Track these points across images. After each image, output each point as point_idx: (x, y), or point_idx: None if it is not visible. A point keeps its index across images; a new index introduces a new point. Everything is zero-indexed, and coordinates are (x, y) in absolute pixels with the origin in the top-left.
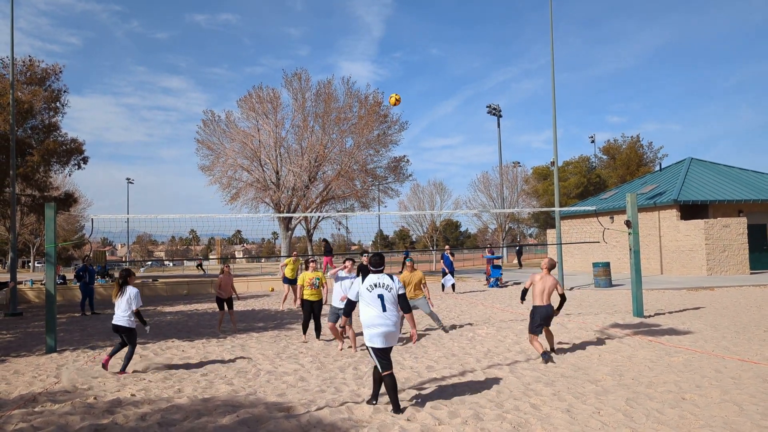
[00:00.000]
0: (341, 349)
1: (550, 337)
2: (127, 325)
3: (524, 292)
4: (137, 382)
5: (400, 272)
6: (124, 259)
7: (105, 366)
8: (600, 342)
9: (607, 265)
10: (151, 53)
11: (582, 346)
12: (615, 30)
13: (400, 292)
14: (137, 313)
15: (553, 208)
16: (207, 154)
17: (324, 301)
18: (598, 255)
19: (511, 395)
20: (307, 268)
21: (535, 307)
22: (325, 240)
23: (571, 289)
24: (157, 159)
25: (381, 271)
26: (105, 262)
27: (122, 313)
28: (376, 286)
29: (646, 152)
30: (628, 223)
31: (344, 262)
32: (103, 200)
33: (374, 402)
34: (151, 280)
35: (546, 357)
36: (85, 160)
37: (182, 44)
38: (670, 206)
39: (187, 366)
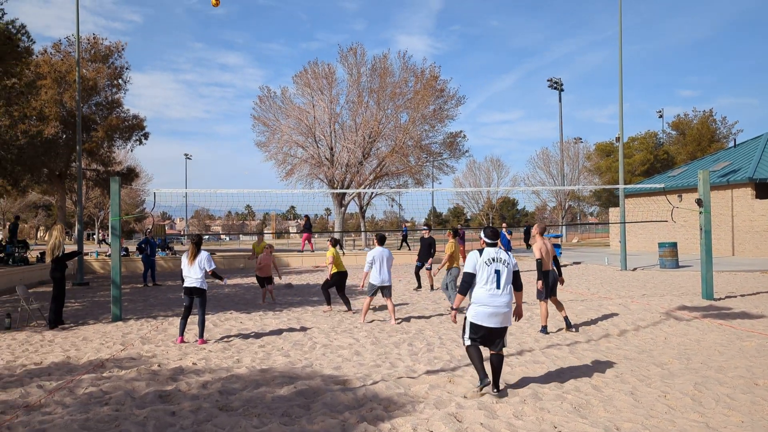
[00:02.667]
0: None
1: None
2: (201, 286)
3: (540, 263)
4: (198, 352)
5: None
6: (182, 233)
7: (182, 342)
8: (666, 324)
9: (674, 245)
10: (209, 29)
11: (646, 328)
12: None
13: (516, 269)
14: (213, 273)
15: (617, 186)
16: (263, 130)
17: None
18: (663, 235)
19: (572, 375)
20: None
21: (547, 273)
22: (306, 216)
23: (635, 269)
24: (214, 135)
25: (495, 245)
26: (164, 236)
27: (195, 275)
28: (494, 260)
29: (719, 128)
30: (699, 202)
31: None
32: (162, 175)
33: (487, 381)
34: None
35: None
36: (146, 136)
37: (239, 20)
38: (745, 184)
39: (245, 337)
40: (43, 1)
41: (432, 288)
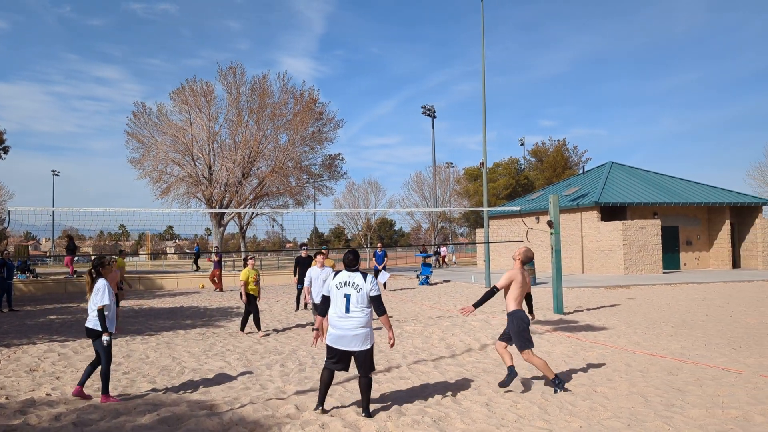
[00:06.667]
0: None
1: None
2: (95, 327)
3: (493, 292)
4: (52, 381)
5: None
6: (48, 254)
7: (81, 395)
8: None
9: (531, 263)
10: (83, 40)
11: None
12: (550, 35)
13: (373, 293)
14: (99, 313)
15: (481, 208)
16: (137, 147)
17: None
18: None
19: (434, 390)
20: (246, 265)
21: (516, 312)
22: (68, 237)
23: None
24: (87, 151)
25: (355, 270)
26: (27, 257)
27: (91, 312)
28: (345, 284)
29: (572, 155)
30: (550, 224)
31: (315, 256)
32: (27, 193)
33: (320, 409)
34: (75, 275)
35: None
36: (6, 150)
37: (117, 32)
38: (592, 208)
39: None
40: None
41: (306, 307)
